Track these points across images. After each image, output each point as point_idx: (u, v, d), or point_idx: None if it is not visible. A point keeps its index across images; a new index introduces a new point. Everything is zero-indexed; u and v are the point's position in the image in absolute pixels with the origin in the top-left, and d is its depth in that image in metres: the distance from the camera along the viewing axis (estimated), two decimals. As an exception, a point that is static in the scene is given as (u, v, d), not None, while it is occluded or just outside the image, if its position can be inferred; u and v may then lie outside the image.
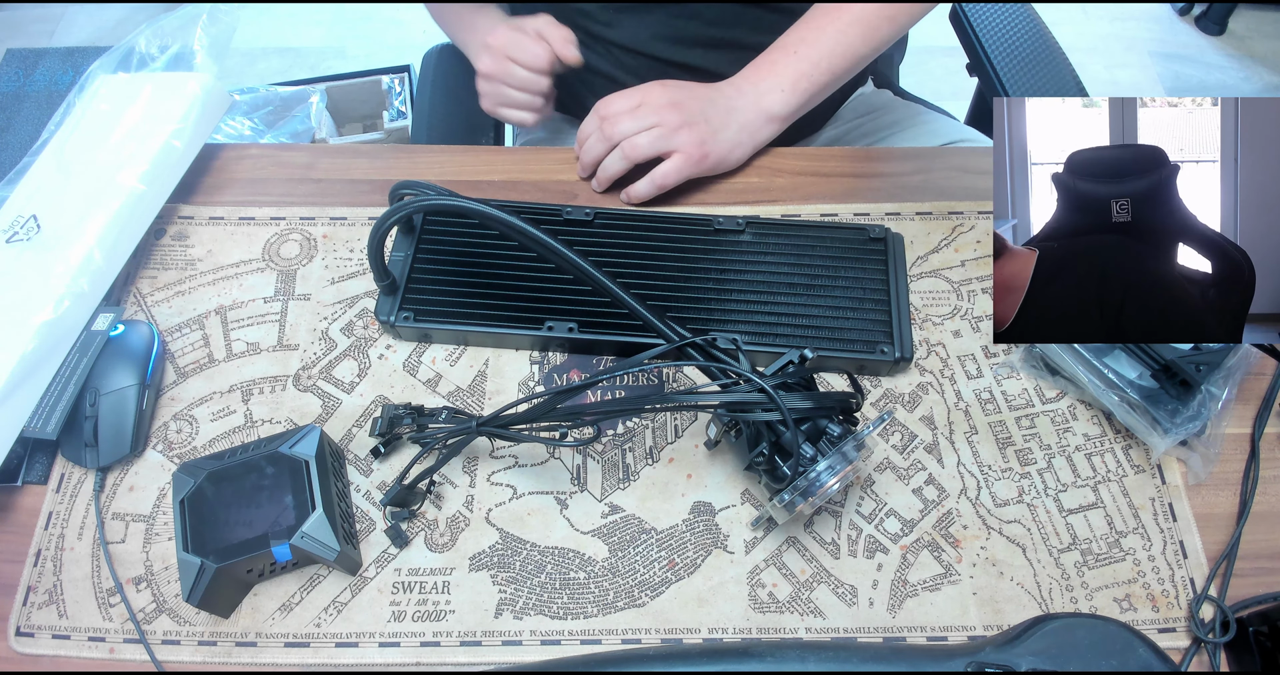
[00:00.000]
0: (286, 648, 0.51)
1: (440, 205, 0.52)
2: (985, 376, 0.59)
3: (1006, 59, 0.84)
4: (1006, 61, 0.84)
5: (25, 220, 0.61)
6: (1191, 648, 0.50)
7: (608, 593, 0.52)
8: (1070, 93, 0.81)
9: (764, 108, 0.66)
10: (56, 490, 0.56)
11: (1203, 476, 0.55)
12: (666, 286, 0.60)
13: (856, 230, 0.62)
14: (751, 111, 0.66)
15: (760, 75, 0.67)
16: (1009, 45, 0.85)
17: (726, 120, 0.65)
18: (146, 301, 0.63)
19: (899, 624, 0.51)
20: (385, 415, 0.55)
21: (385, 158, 0.71)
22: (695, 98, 0.65)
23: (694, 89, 0.65)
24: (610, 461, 0.57)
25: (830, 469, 0.47)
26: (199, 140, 0.66)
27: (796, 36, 0.67)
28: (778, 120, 0.67)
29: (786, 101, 0.66)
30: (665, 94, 0.64)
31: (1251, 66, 1.93)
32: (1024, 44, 0.85)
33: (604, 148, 0.65)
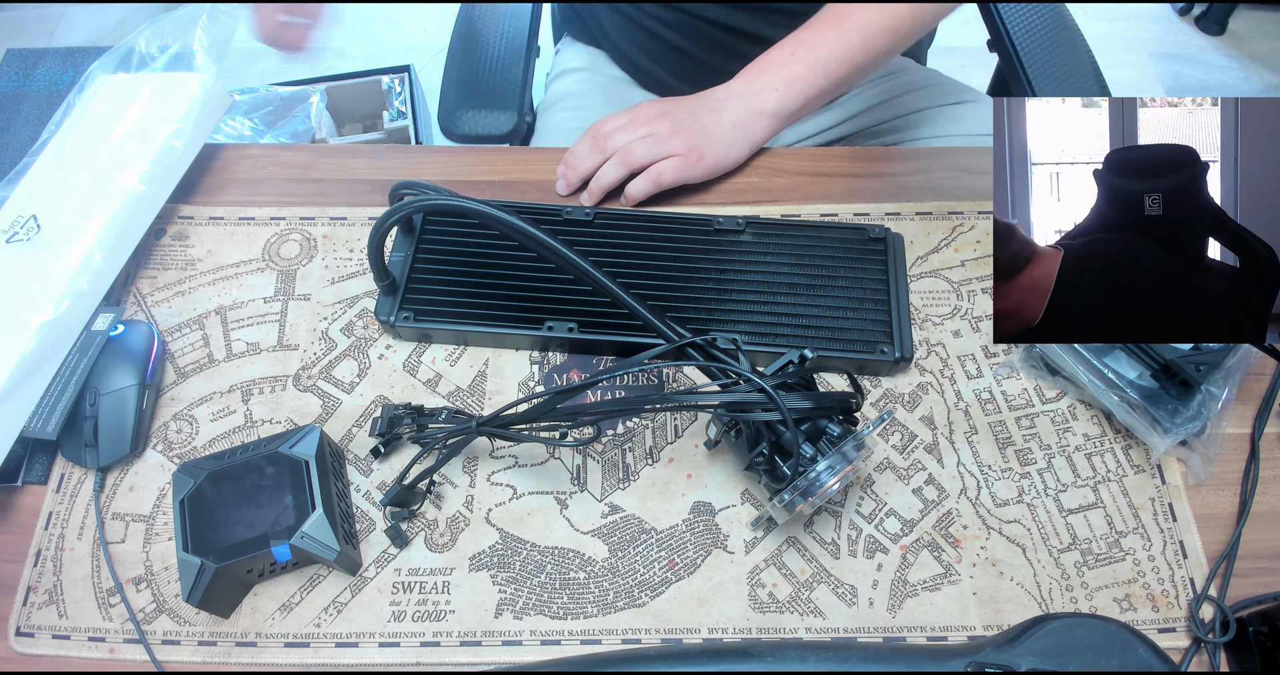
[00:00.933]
0: (286, 648, 0.51)
1: (440, 205, 0.52)
2: (985, 376, 0.59)
3: (1026, 37, 0.86)
4: (1026, 39, 0.86)
5: (25, 220, 0.61)
6: (1191, 648, 0.50)
7: (608, 593, 0.52)
8: (1086, 74, 0.83)
9: (756, 105, 0.66)
10: (56, 490, 0.56)
11: (1203, 476, 0.55)
12: (666, 286, 0.60)
13: (856, 230, 0.62)
14: (743, 110, 0.66)
15: (754, 75, 0.67)
16: (1029, 25, 0.87)
17: (718, 120, 0.66)
18: (146, 301, 0.63)
19: (899, 624, 0.51)
20: (385, 415, 0.55)
21: (385, 158, 0.71)
22: (682, 107, 0.66)
23: (681, 100, 0.67)
24: (610, 461, 0.57)
25: (830, 469, 0.47)
26: (199, 140, 0.66)
27: (796, 39, 0.67)
28: (770, 116, 0.67)
29: (780, 100, 0.66)
30: (654, 107, 0.66)
31: (1251, 66, 1.93)
32: (1043, 24, 0.87)
33: (598, 159, 0.65)
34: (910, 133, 0.84)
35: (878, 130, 0.86)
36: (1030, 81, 0.82)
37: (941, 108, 0.84)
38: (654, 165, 0.64)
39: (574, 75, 0.92)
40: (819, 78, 0.66)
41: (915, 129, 0.84)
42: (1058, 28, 0.86)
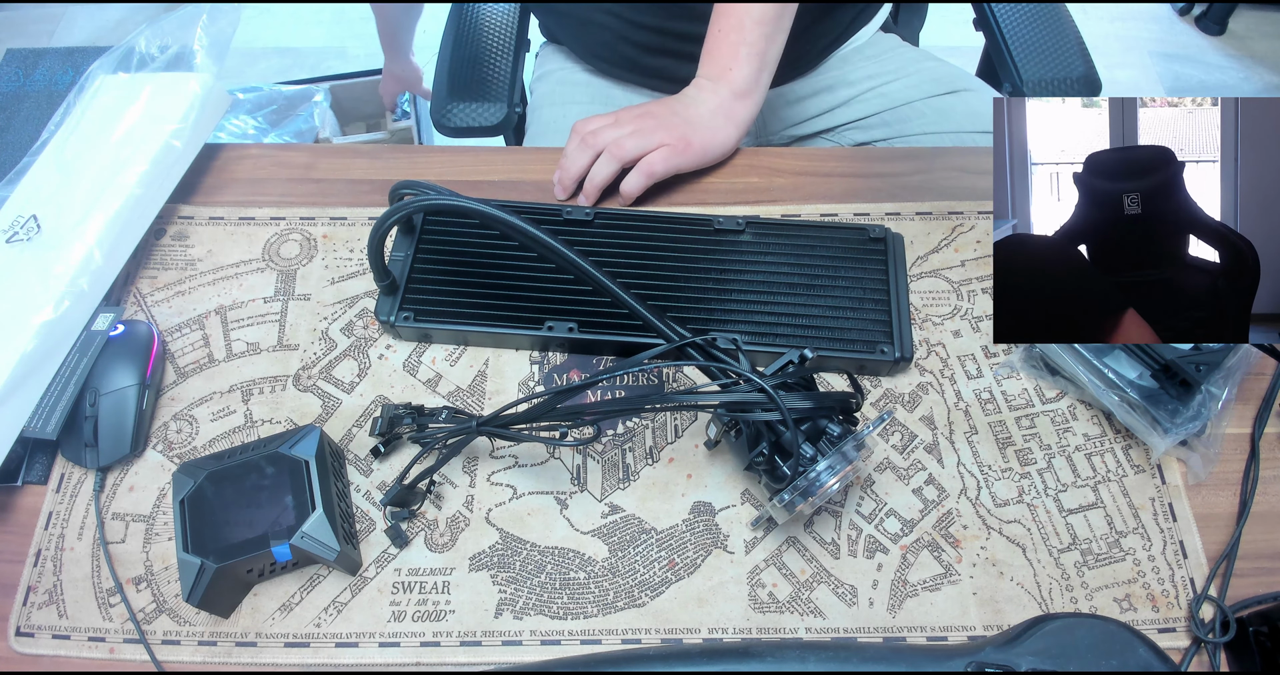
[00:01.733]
0: (286, 648, 0.51)
1: (440, 205, 0.52)
2: (985, 376, 0.59)
3: (1010, 14, 0.87)
4: (1010, 17, 0.86)
5: (25, 220, 0.61)
6: (1191, 648, 0.50)
7: (608, 593, 0.52)
8: (1071, 49, 0.84)
9: (725, 89, 0.68)
10: (56, 490, 0.56)
11: (1203, 476, 0.55)
12: (666, 286, 0.60)
13: (856, 230, 0.62)
14: (715, 98, 0.68)
15: (708, 66, 0.69)
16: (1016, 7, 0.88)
17: (698, 111, 0.67)
18: (146, 301, 0.63)
19: (899, 624, 0.51)
20: (385, 415, 0.55)
21: (385, 158, 0.71)
22: (663, 105, 0.68)
23: (661, 101, 0.69)
24: (610, 461, 0.57)
25: (830, 469, 0.47)
26: (199, 140, 0.66)
27: (715, 19, 0.69)
28: (744, 94, 0.68)
29: (744, 74, 0.67)
30: (637, 108, 0.68)
31: (1251, 66, 1.93)
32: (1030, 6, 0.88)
33: (588, 156, 0.66)
34: (899, 127, 0.85)
35: (868, 123, 0.87)
36: (1015, 61, 0.83)
37: (929, 99, 0.85)
38: (644, 158, 0.65)
39: (555, 75, 0.93)
40: (754, 30, 0.67)
41: (905, 122, 0.84)
42: (1044, 8, 0.87)
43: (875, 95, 0.86)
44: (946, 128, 0.83)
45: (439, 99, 0.85)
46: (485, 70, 0.87)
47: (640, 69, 0.86)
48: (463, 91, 0.85)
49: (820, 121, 0.89)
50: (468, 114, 0.83)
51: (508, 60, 0.88)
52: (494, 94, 0.85)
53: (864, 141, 0.87)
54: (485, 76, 0.86)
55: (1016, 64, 0.83)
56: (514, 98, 0.85)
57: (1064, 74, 0.82)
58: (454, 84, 0.86)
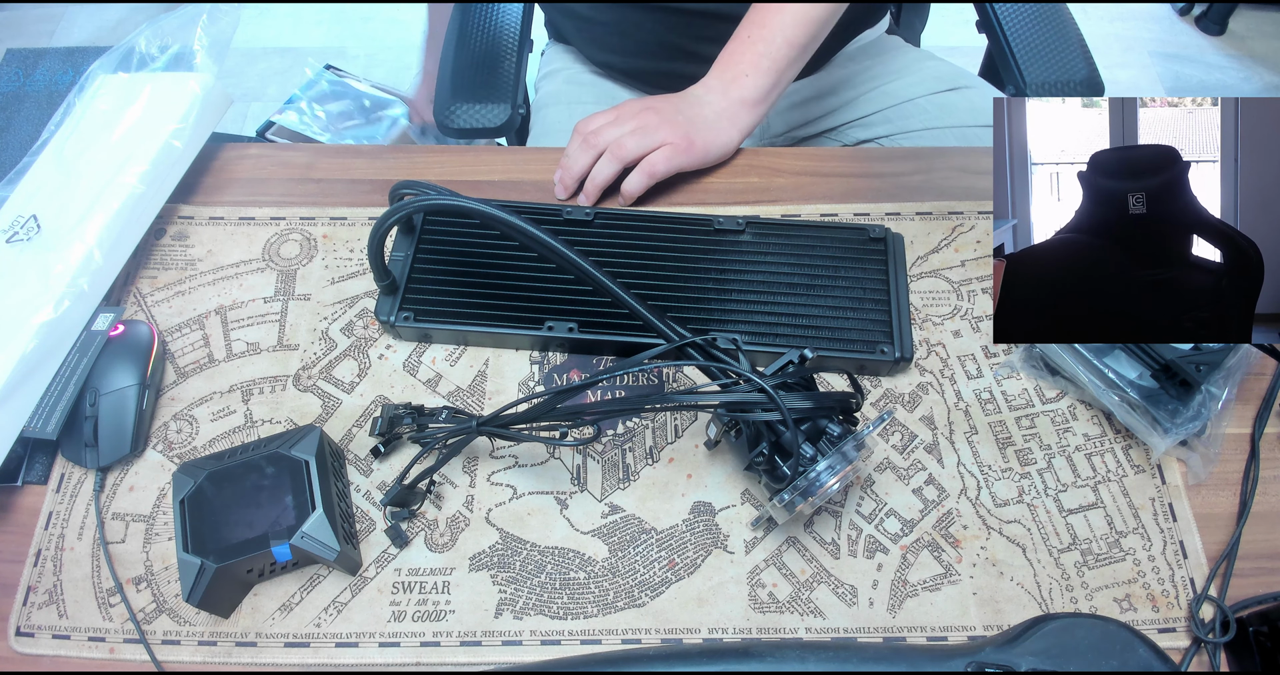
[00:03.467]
0: (286, 648, 0.51)
1: (440, 205, 0.52)
2: (985, 376, 0.59)
3: (1013, 16, 0.86)
4: (1013, 19, 0.86)
5: (25, 220, 0.61)
6: (1191, 648, 0.50)
7: (608, 593, 0.52)
8: (1074, 52, 0.83)
9: (735, 94, 0.67)
10: (56, 490, 0.56)
11: (1203, 476, 0.55)
12: (666, 286, 0.60)
13: (856, 230, 0.62)
14: (723, 101, 0.67)
15: (723, 67, 0.68)
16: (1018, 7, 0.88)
17: (702, 112, 0.67)
18: (146, 301, 0.63)
19: (899, 624, 0.51)
20: (385, 415, 0.55)
21: (385, 158, 0.71)
22: (667, 102, 0.67)
23: (665, 97, 0.68)
24: (610, 461, 0.57)
25: (830, 469, 0.47)
26: (199, 140, 0.66)
27: (745, 28, 0.69)
28: (752, 104, 0.68)
29: (757, 84, 0.67)
30: (639, 103, 0.68)
31: (1251, 66, 1.93)
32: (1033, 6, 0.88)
33: (590, 156, 0.66)
34: (901, 123, 0.85)
35: (870, 120, 0.87)
36: (1017, 63, 0.82)
37: (931, 96, 0.85)
38: (646, 157, 0.65)
39: (561, 75, 0.93)
40: (782, 48, 0.67)
41: (907, 118, 0.84)
42: (1047, 10, 0.87)
43: (877, 93, 0.87)
44: (948, 123, 0.83)
45: (442, 100, 0.84)
46: (488, 70, 0.87)
47: (649, 71, 0.86)
48: (466, 93, 0.84)
49: (823, 122, 0.90)
50: (471, 115, 0.83)
51: (511, 61, 0.87)
52: (497, 95, 0.84)
53: (866, 139, 0.87)
54: (488, 77, 0.86)
55: (1019, 66, 0.83)
56: (517, 98, 0.85)
57: (1067, 76, 0.82)
58: (457, 84, 0.85)
